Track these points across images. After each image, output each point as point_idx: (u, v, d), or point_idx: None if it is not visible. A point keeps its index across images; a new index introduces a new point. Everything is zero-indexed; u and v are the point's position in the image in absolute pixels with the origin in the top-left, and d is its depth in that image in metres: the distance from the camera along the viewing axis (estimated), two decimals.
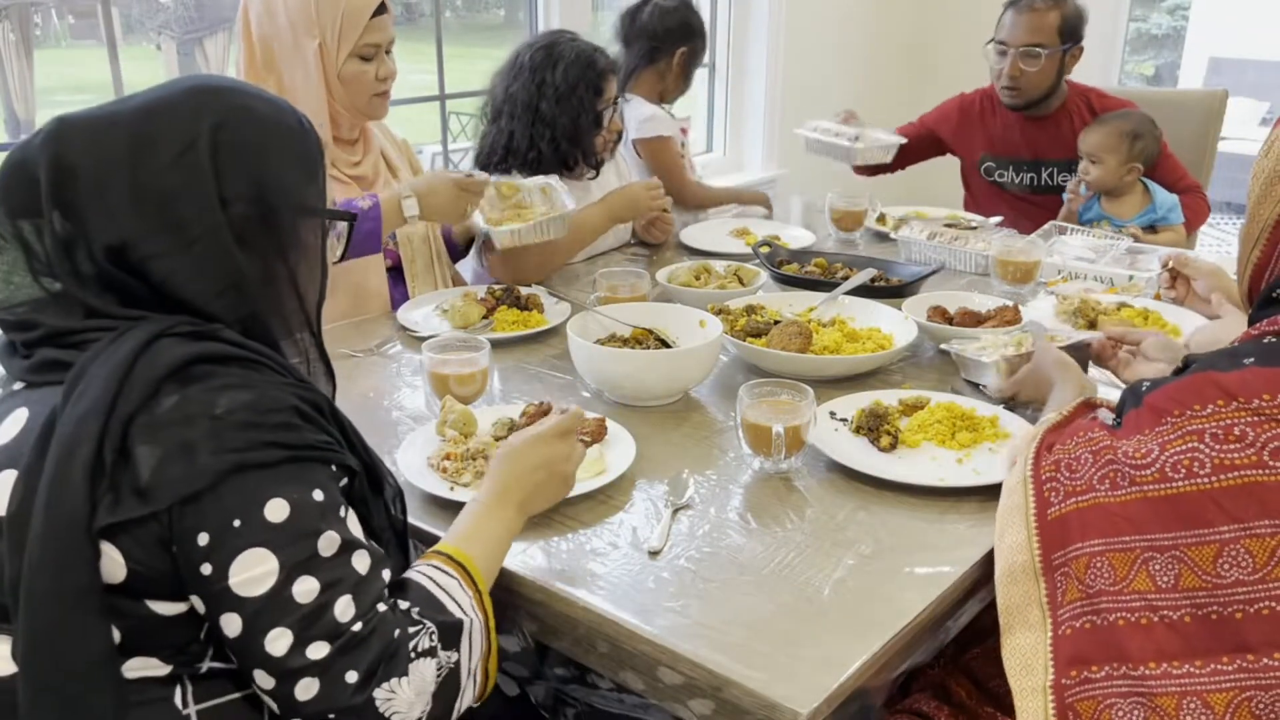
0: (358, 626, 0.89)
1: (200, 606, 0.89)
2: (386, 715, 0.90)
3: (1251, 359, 0.99)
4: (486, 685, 1.01)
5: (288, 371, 0.97)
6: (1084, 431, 1.09)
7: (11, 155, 0.95)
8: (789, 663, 0.99)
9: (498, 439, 1.38)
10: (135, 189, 0.92)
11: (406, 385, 1.67)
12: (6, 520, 0.87)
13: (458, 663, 0.96)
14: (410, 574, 1.01)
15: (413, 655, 0.92)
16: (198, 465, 0.85)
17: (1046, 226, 2.46)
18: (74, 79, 2.69)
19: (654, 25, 2.80)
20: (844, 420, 1.50)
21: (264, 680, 0.88)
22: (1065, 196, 2.68)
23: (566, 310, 1.92)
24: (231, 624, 0.87)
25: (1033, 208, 2.75)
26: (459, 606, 0.98)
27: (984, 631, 1.34)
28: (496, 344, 1.71)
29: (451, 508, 1.22)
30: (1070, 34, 2.64)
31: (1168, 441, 0.99)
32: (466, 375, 1.51)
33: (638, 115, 2.80)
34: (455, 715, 0.97)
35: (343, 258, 1.13)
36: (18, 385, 0.95)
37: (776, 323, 1.75)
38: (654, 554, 1.18)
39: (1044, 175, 2.81)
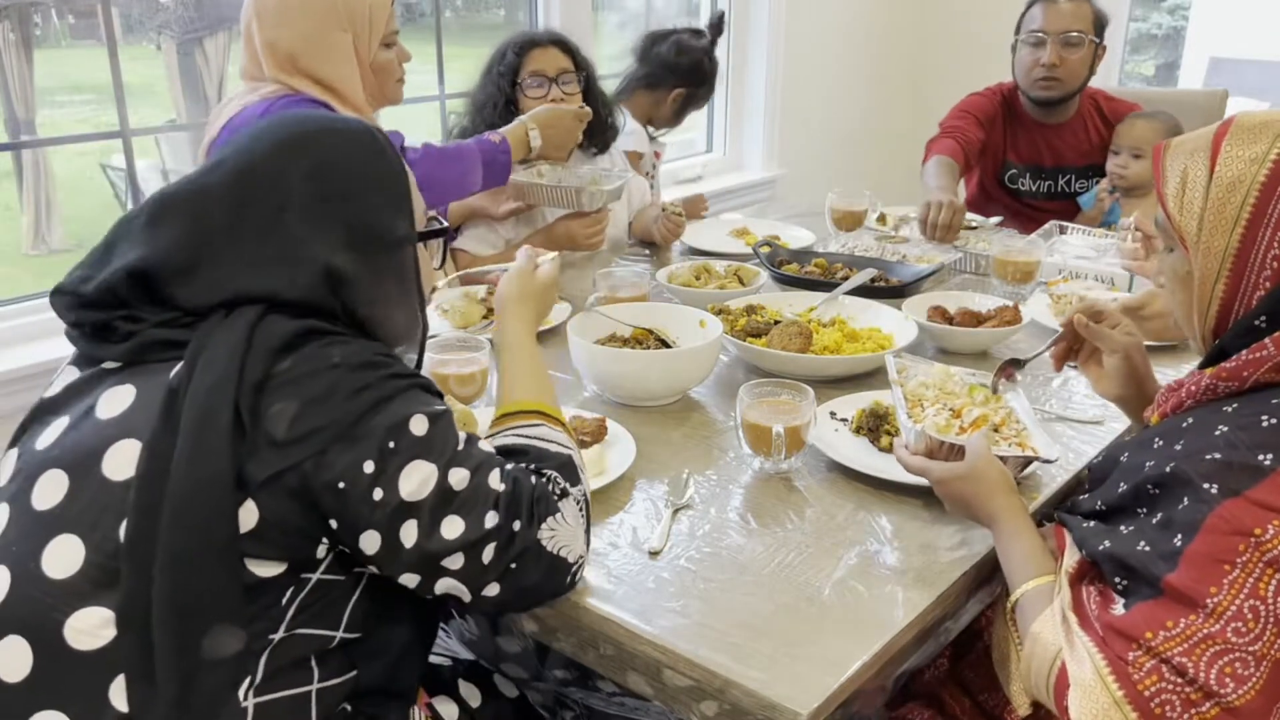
0: (505, 486, 1.02)
1: (374, 544, 0.96)
2: (555, 552, 1.03)
3: (1269, 456, 0.93)
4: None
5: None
6: (1152, 628, 0.93)
7: (119, 225, 1.04)
8: (789, 663, 0.99)
9: None
10: (240, 258, 1.00)
11: None
12: (137, 480, 0.92)
13: (585, 492, 1.10)
14: (505, 441, 1.14)
15: (555, 498, 1.05)
16: (339, 409, 0.94)
17: (1047, 226, 2.46)
18: (74, 79, 2.69)
19: (667, 56, 2.80)
20: (844, 420, 1.50)
21: (454, 561, 0.98)
22: (1093, 198, 2.67)
23: (566, 310, 1.91)
24: (409, 531, 0.96)
25: (1050, 215, 2.71)
26: (558, 444, 1.13)
27: (980, 634, 1.33)
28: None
29: None
30: (1100, 29, 2.66)
31: (1256, 586, 0.90)
32: (466, 375, 1.51)
33: (623, 128, 2.82)
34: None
35: (444, 260, 1.24)
36: (110, 365, 1.01)
37: (776, 323, 1.75)
38: (654, 554, 1.17)
39: (1061, 182, 2.81)
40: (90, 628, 0.92)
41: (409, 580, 0.99)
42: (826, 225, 2.51)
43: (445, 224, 1.19)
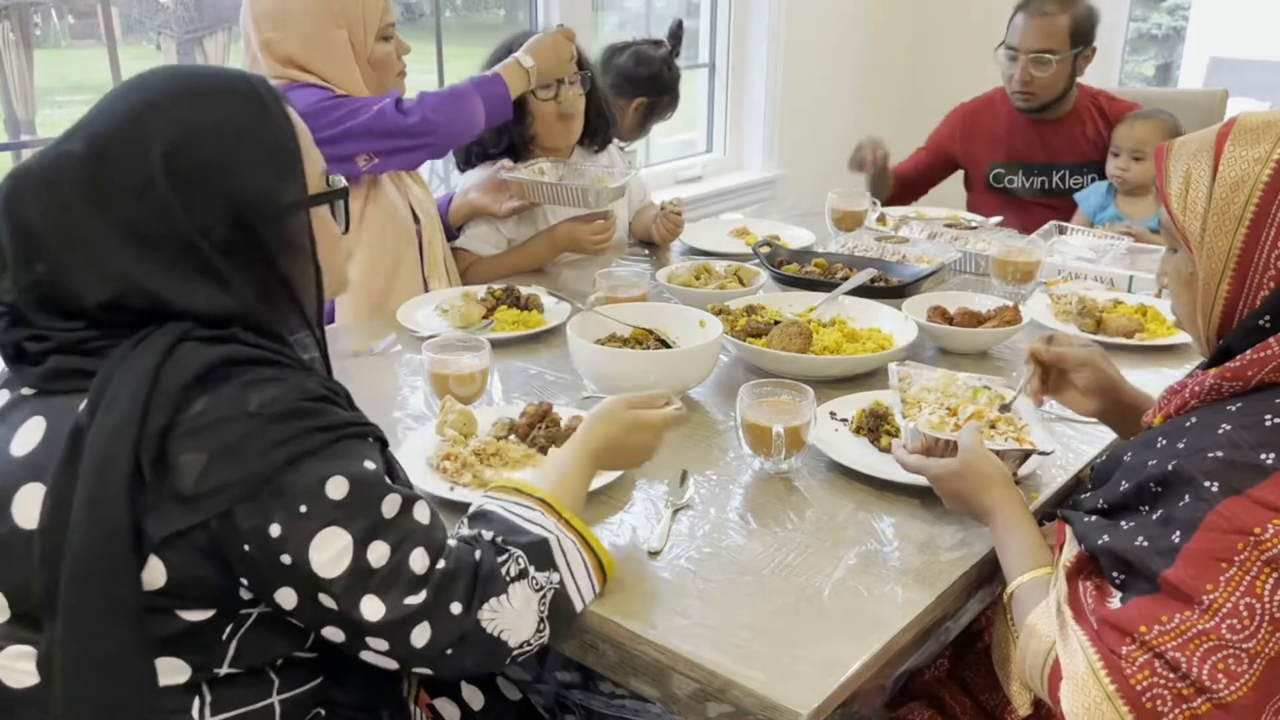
0: (441, 564, 0.93)
1: (290, 600, 0.90)
2: (496, 635, 0.95)
3: (1271, 456, 0.93)
4: (605, 585, 1.07)
5: (303, 364, 0.97)
6: (1147, 622, 0.93)
7: None
8: (789, 663, 0.99)
9: (498, 439, 1.38)
10: (109, 239, 0.89)
11: (406, 385, 1.67)
12: (39, 534, 0.86)
13: (561, 581, 1.00)
14: (489, 504, 1.05)
15: (507, 579, 0.96)
16: (249, 465, 0.85)
17: (1047, 226, 2.46)
18: (74, 79, 2.69)
19: (626, 67, 2.78)
20: (844, 420, 1.49)
21: (379, 644, 0.91)
22: (1094, 199, 2.68)
23: (566, 310, 1.91)
24: (327, 605, 0.89)
25: (1046, 211, 2.73)
26: (540, 526, 1.02)
27: (979, 635, 1.33)
28: (496, 344, 1.71)
29: (451, 508, 1.22)
30: (1081, 37, 2.64)
31: (1253, 584, 0.90)
32: (466, 375, 1.51)
33: None
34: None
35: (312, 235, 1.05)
36: (27, 391, 0.94)
37: (776, 323, 1.75)
38: (654, 554, 1.17)
39: (1055, 178, 2.81)
40: (12, 663, 0.90)
41: (334, 635, 0.92)
42: (826, 225, 2.51)
43: (345, 184, 1.07)
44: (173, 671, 0.90)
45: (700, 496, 1.31)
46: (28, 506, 0.88)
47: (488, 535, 1.01)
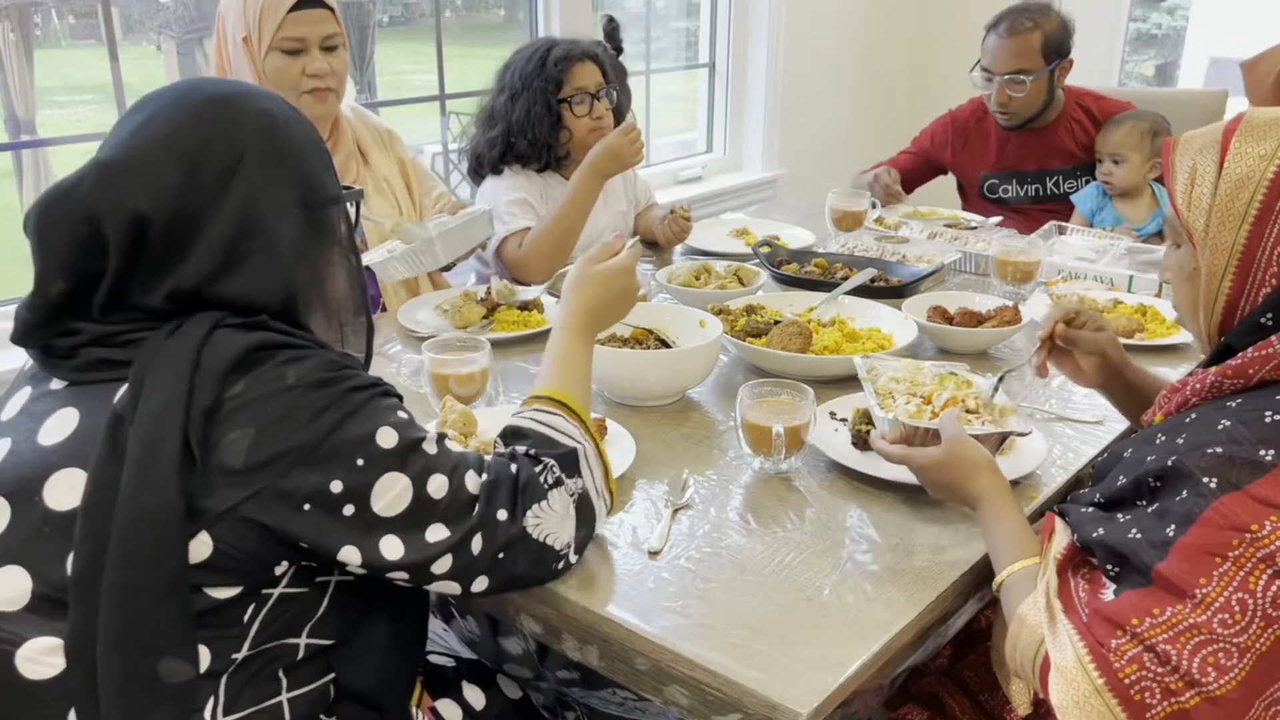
0: (485, 477, 1.01)
1: (355, 557, 0.94)
2: (542, 539, 1.03)
3: (1271, 452, 0.93)
4: (611, 501, 1.15)
5: (324, 346, 1.01)
6: (1139, 615, 0.93)
7: (52, 203, 0.93)
8: (789, 663, 0.99)
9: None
10: (196, 220, 0.94)
11: (406, 385, 1.67)
12: (81, 512, 0.89)
13: (584, 487, 1.09)
14: (519, 420, 1.12)
15: (545, 486, 1.04)
16: (299, 434, 0.90)
17: (1047, 226, 2.46)
18: (74, 79, 2.69)
19: None
20: (844, 420, 1.49)
21: (443, 565, 0.98)
22: (1089, 199, 2.68)
23: None
24: (392, 545, 0.95)
25: (1044, 215, 2.72)
26: (569, 437, 1.10)
27: (979, 635, 1.33)
28: (496, 344, 1.71)
29: None
30: (1055, 51, 2.61)
31: (1246, 580, 0.90)
32: (466, 375, 1.51)
33: None
34: (596, 530, 1.12)
35: (352, 228, 1.15)
36: (56, 385, 0.96)
37: (776, 323, 1.75)
38: (654, 554, 1.18)
39: (1049, 185, 2.80)
40: (39, 655, 0.90)
41: (398, 578, 0.98)
42: (826, 225, 2.51)
43: (360, 187, 1.15)
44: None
45: (700, 496, 1.31)
46: (62, 491, 0.90)
47: (522, 449, 1.08)
